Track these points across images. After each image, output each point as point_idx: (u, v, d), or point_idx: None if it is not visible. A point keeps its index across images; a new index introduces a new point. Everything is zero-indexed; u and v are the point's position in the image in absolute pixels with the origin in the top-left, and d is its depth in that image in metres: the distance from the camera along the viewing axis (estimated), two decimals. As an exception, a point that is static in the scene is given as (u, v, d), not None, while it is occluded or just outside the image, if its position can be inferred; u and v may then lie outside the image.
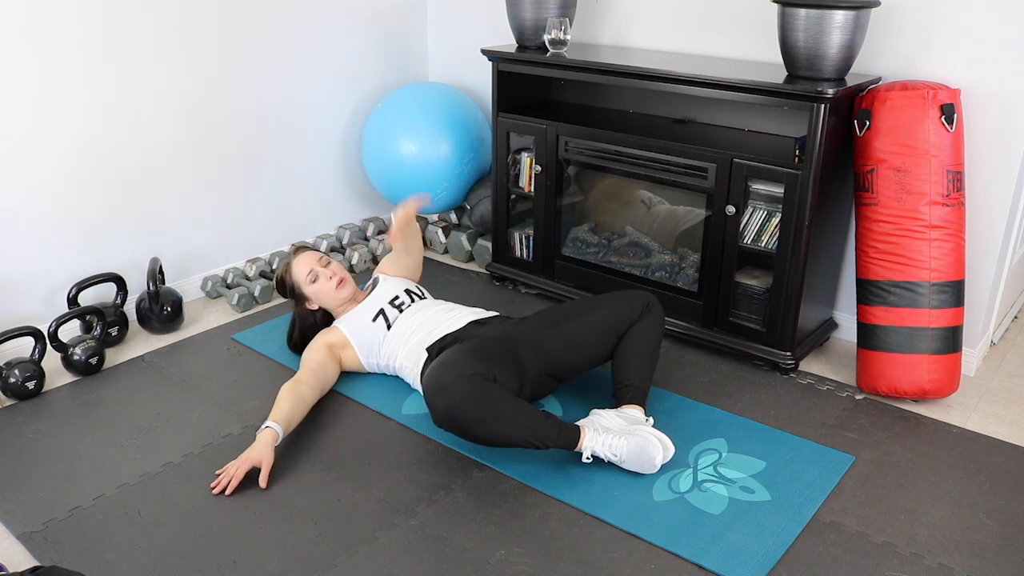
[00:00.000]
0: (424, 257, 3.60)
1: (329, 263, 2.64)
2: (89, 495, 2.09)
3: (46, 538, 1.94)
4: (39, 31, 2.57)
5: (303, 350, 2.58)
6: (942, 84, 2.42)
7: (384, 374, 2.62)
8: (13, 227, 2.66)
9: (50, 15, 2.58)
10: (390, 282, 2.69)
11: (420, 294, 2.69)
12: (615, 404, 2.32)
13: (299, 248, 2.69)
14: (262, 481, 2.10)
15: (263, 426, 2.20)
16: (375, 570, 1.85)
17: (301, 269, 2.61)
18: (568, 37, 2.94)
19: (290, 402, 2.28)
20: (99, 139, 2.79)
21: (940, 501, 2.09)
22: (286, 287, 2.65)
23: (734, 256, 2.68)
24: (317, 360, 2.46)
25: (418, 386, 2.45)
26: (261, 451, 2.14)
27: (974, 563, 1.89)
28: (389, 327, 2.53)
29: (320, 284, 2.59)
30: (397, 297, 2.60)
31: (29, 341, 2.63)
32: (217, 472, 2.14)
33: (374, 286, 2.69)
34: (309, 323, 2.67)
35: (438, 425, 2.09)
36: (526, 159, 3.16)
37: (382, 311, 2.56)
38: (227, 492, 2.07)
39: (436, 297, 3.03)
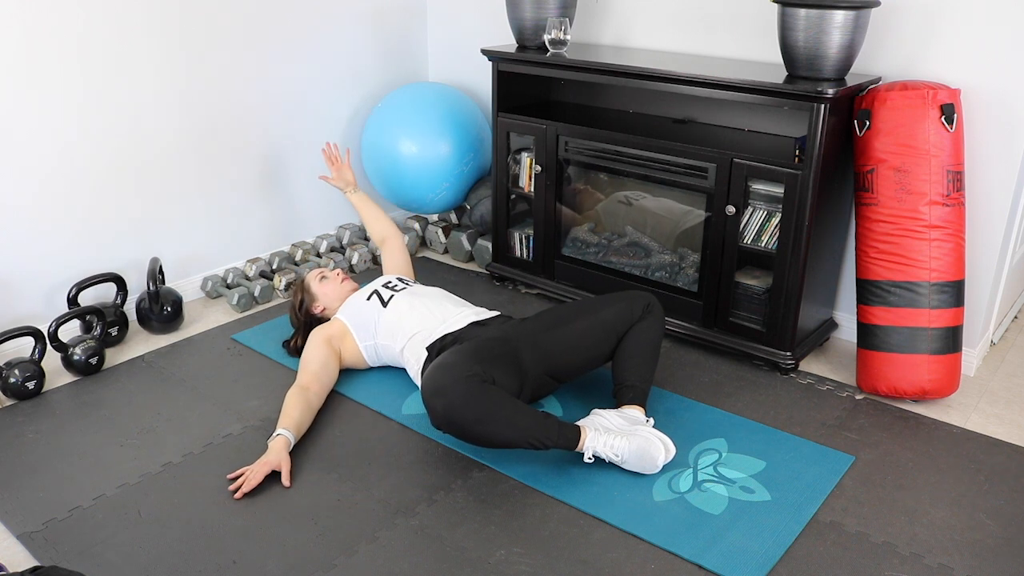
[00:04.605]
0: (424, 257, 3.61)
1: (337, 271, 2.81)
2: (89, 495, 2.09)
3: (46, 538, 1.94)
4: (39, 31, 2.57)
5: (299, 353, 2.59)
6: (942, 84, 2.42)
7: (385, 369, 2.63)
8: (13, 227, 2.66)
9: (50, 14, 2.58)
10: (384, 275, 2.82)
11: (413, 283, 2.74)
12: (615, 404, 2.32)
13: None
14: (285, 481, 2.11)
15: (275, 434, 2.21)
16: (375, 570, 1.86)
17: (313, 272, 2.78)
18: (568, 37, 2.94)
19: (299, 410, 2.28)
20: (99, 139, 2.79)
21: (940, 501, 2.09)
22: (296, 303, 2.75)
23: (734, 256, 2.68)
24: (319, 360, 2.46)
25: (419, 382, 2.46)
26: (278, 454, 2.15)
27: (974, 563, 1.89)
28: (384, 305, 2.56)
29: (328, 281, 2.74)
30: (390, 281, 2.68)
31: (29, 341, 2.63)
32: (230, 476, 2.14)
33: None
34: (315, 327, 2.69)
35: (437, 427, 2.09)
36: (526, 159, 3.16)
37: (376, 291, 2.63)
38: (242, 492, 2.07)
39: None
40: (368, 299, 2.60)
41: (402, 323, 2.50)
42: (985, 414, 2.48)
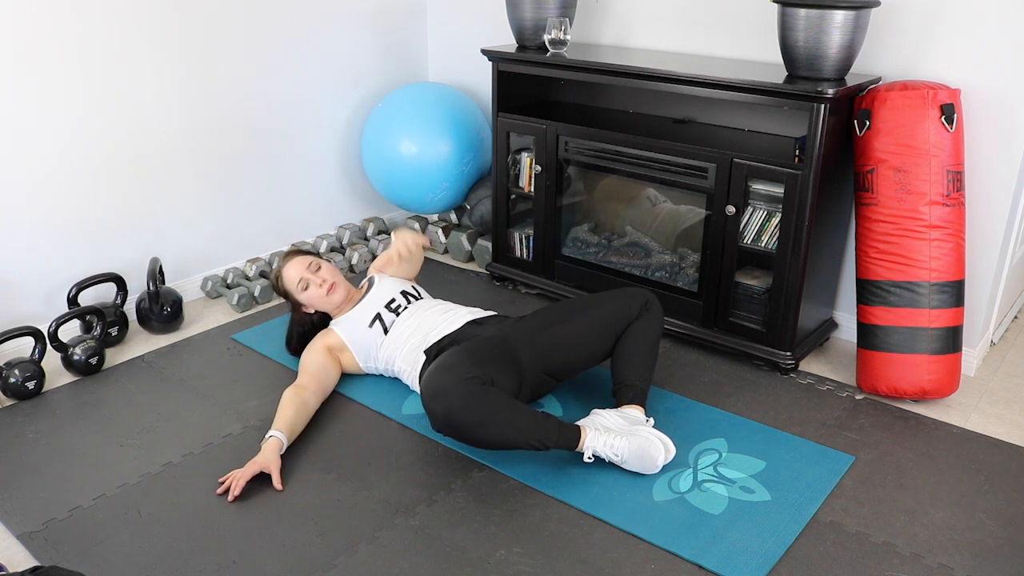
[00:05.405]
0: (424, 257, 3.61)
1: (320, 268, 2.58)
2: (89, 495, 2.09)
3: (46, 538, 1.94)
4: (39, 30, 2.57)
5: (301, 353, 2.58)
6: (942, 84, 2.42)
7: (383, 375, 2.62)
8: (13, 227, 2.66)
9: (49, 14, 2.58)
10: (386, 283, 2.64)
11: (416, 295, 2.65)
12: (615, 404, 2.32)
13: (290, 252, 2.64)
14: (277, 484, 2.10)
15: (267, 435, 2.20)
16: (375, 570, 1.85)
17: (292, 276, 2.56)
18: (568, 37, 2.94)
19: (293, 409, 2.27)
20: (99, 139, 2.79)
21: (940, 501, 2.09)
22: (280, 291, 2.66)
23: (734, 256, 2.68)
24: (318, 363, 2.46)
25: (417, 388, 2.45)
26: (268, 457, 2.14)
27: (974, 563, 1.89)
28: (386, 331, 2.52)
29: (311, 291, 2.55)
30: (393, 300, 2.57)
31: (29, 341, 2.63)
32: (221, 480, 2.13)
33: (369, 286, 2.66)
34: (307, 327, 2.66)
35: (437, 431, 2.09)
36: (526, 159, 3.16)
37: (378, 316, 2.53)
38: (233, 495, 2.06)
39: (435, 296, 3.03)
40: (370, 326, 2.52)
41: (401, 345, 2.49)
42: (985, 414, 2.48)
